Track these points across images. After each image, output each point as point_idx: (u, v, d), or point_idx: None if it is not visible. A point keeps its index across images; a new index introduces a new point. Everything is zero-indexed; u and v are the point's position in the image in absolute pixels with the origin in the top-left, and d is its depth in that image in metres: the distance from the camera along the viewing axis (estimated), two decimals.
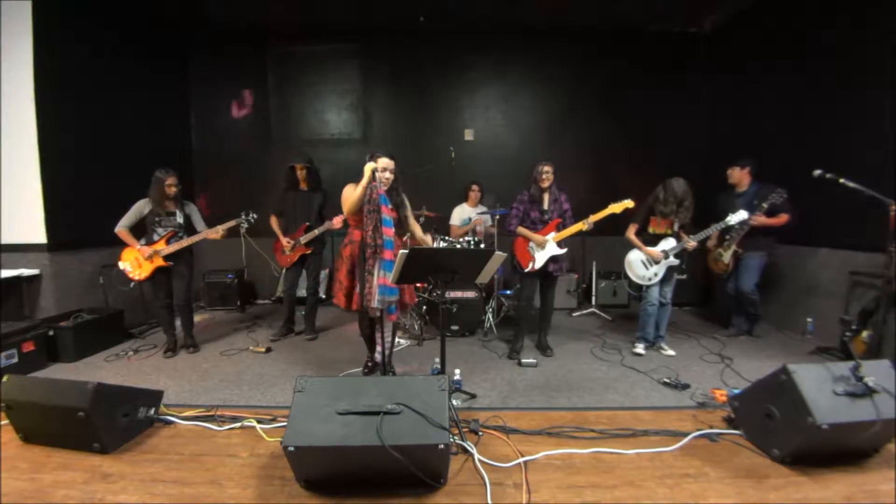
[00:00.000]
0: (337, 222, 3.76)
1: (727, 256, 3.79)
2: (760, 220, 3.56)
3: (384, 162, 2.75)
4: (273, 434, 2.19)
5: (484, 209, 4.76)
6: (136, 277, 3.43)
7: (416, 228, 3.11)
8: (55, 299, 3.80)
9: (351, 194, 2.75)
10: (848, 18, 3.66)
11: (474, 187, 4.80)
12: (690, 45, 5.46)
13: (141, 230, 3.47)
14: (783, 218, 3.56)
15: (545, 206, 3.43)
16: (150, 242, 3.43)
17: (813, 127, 3.94)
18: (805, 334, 3.99)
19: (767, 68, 4.49)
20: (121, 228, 3.38)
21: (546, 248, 3.37)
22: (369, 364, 3.18)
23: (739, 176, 3.82)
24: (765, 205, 3.53)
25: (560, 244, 3.39)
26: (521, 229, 3.43)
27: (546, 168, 3.34)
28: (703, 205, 3.74)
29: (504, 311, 4.45)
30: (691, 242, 3.42)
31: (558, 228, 3.40)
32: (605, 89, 5.51)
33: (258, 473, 1.90)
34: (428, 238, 3.16)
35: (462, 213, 4.80)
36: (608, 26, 5.28)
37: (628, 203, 3.40)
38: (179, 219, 3.51)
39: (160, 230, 3.44)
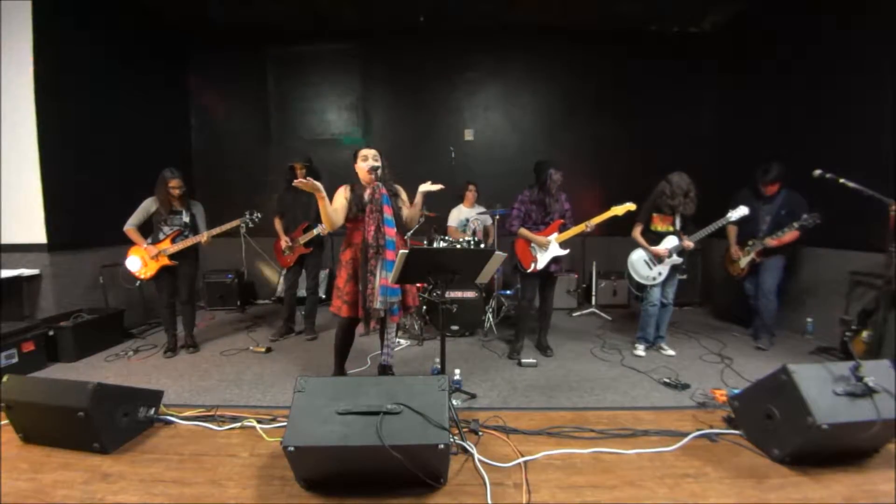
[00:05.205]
0: (322, 228, 3.76)
1: (744, 262, 3.74)
2: (774, 243, 3.53)
3: (365, 152, 2.66)
4: (273, 434, 2.19)
5: (482, 209, 4.75)
6: (143, 276, 3.44)
7: (409, 211, 2.77)
8: (55, 299, 3.80)
9: (335, 203, 2.59)
10: (848, 18, 3.66)
11: (471, 187, 4.78)
12: (690, 45, 5.46)
13: (149, 228, 3.48)
14: (794, 235, 3.47)
15: (548, 208, 3.41)
16: (155, 241, 3.44)
17: (813, 127, 3.93)
18: (805, 334, 3.99)
19: (767, 68, 4.49)
20: (129, 227, 3.40)
21: (549, 249, 3.38)
22: None
23: (776, 187, 3.63)
24: (795, 224, 3.41)
25: (562, 245, 3.39)
26: (523, 231, 3.42)
27: (558, 176, 3.32)
28: (704, 204, 3.73)
29: (504, 311, 4.44)
30: (688, 242, 3.41)
31: (561, 229, 3.40)
32: (605, 89, 5.51)
33: (258, 473, 1.90)
34: (418, 202, 2.68)
35: (459, 215, 4.79)
36: (608, 26, 5.27)
37: (630, 206, 3.39)
38: (185, 218, 3.51)
39: (166, 229, 3.45)
